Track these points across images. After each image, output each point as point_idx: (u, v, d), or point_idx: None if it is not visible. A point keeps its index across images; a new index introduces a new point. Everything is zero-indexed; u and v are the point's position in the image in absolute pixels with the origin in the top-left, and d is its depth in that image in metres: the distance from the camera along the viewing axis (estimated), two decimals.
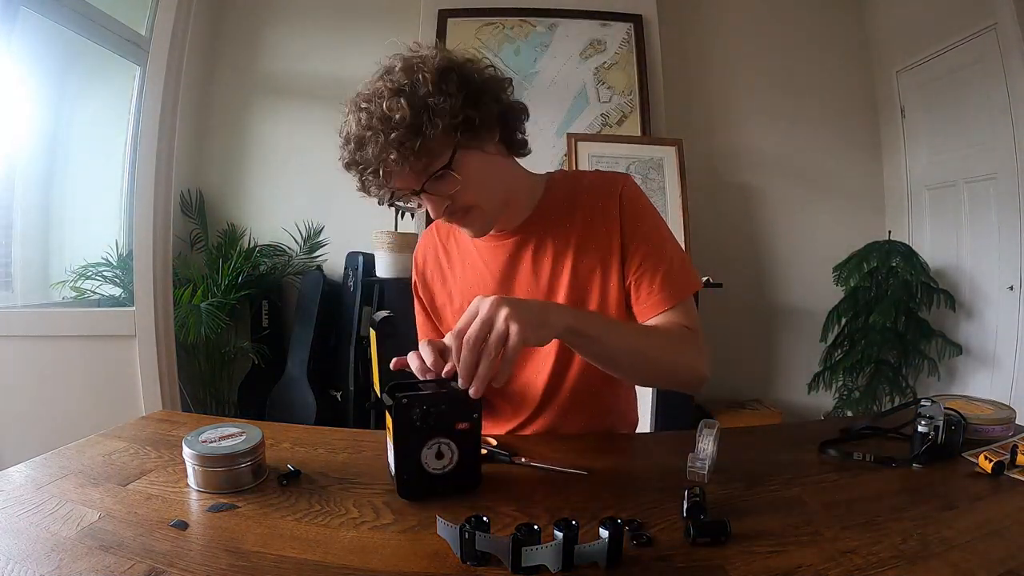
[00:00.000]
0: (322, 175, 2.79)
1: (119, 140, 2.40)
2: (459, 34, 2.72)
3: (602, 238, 0.90)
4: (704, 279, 2.25)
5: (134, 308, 2.08)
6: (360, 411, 2.63)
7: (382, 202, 0.83)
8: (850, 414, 2.72)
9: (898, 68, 2.90)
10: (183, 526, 0.60)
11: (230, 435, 0.72)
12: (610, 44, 2.76)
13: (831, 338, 2.81)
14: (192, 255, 2.86)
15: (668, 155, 2.64)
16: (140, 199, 2.09)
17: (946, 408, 0.79)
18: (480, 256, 0.97)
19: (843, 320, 2.77)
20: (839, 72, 3.04)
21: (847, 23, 3.05)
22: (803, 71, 3.02)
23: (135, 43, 2.22)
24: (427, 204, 0.82)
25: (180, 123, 2.22)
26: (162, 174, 2.10)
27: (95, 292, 2.33)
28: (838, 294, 2.80)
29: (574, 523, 0.53)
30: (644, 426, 1.16)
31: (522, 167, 0.95)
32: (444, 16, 2.73)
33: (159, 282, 2.11)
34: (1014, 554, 0.55)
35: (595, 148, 2.64)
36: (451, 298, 1.01)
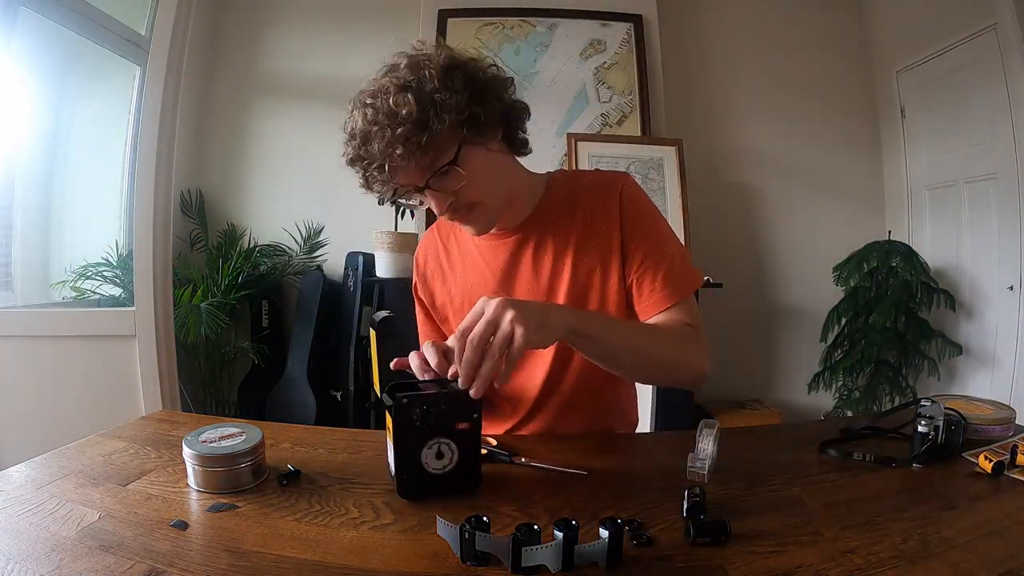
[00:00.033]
0: (322, 175, 2.80)
1: (119, 140, 2.40)
2: (459, 34, 2.72)
3: (602, 237, 0.90)
4: (704, 278, 2.25)
5: (134, 308, 2.08)
6: (360, 411, 2.63)
7: (383, 201, 0.83)
8: (850, 414, 2.72)
9: (898, 68, 2.90)
10: (183, 526, 0.60)
11: (230, 435, 0.72)
12: (610, 44, 2.75)
13: (831, 338, 2.81)
14: (192, 255, 2.86)
15: (668, 155, 2.64)
16: (140, 199, 2.09)
17: (946, 408, 0.79)
18: (481, 255, 0.97)
19: (843, 320, 2.77)
20: (839, 72, 3.04)
21: (847, 23, 3.05)
22: (803, 71, 3.02)
23: (135, 43, 2.22)
24: (431, 200, 0.82)
25: (180, 123, 2.22)
26: (162, 174, 2.10)
27: (95, 292, 2.33)
28: (838, 294, 2.81)
29: (574, 523, 0.53)
30: (644, 426, 1.16)
31: (523, 166, 0.95)
32: (444, 16, 2.73)
33: (159, 282, 2.11)
34: (1014, 554, 0.55)
35: (595, 148, 2.64)
36: (451, 297, 1.01)
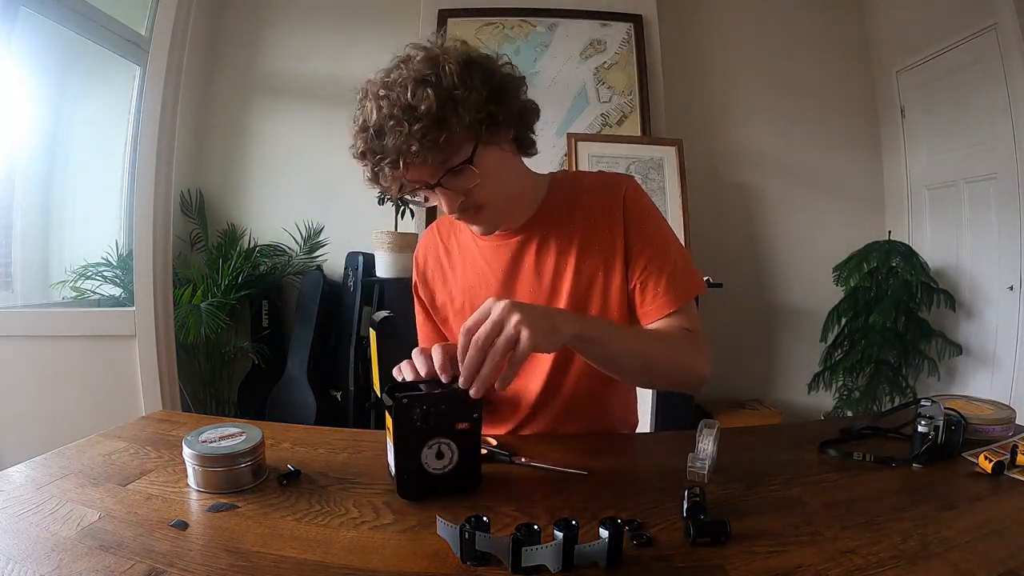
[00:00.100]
0: (322, 175, 2.80)
1: (119, 140, 2.40)
2: (459, 34, 2.71)
3: (605, 239, 0.90)
4: (704, 279, 2.25)
5: (134, 308, 2.08)
6: (360, 411, 2.63)
7: (383, 200, 0.83)
8: (850, 414, 2.71)
9: (898, 68, 2.90)
10: (183, 526, 0.60)
11: (230, 435, 0.72)
12: (610, 44, 2.75)
13: (831, 338, 2.81)
14: (192, 255, 2.86)
15: (668, 155, 2.64)
16: (140, 199, 2.09)
17: (946, 408, 0.79)
18: (482, 255, 0.96)
19: (843, 320, 2.77)
20: (839, 72, 3.04)
21: (847, 23, 3.05)
22: (803, 71, 3.02)
23: (135, 43, 2.22)
24: (441, 198, 0.80)
25: (180, 123, 2.22)
26: (162, 174, 2.10)
27: (95, 292, 2.33)
28: (838, 294, 2.80)
29: (574, 523, 0.53)
30: (644, 426, 1.16)
31: (527, 166, 0.95)
32: (444, 16, 2.74)
33: (159, 282, 2.11)
34: (1014, 554, 0.55)
35: (595, 148, 2.64)
36: (452, 297, 1.00)
